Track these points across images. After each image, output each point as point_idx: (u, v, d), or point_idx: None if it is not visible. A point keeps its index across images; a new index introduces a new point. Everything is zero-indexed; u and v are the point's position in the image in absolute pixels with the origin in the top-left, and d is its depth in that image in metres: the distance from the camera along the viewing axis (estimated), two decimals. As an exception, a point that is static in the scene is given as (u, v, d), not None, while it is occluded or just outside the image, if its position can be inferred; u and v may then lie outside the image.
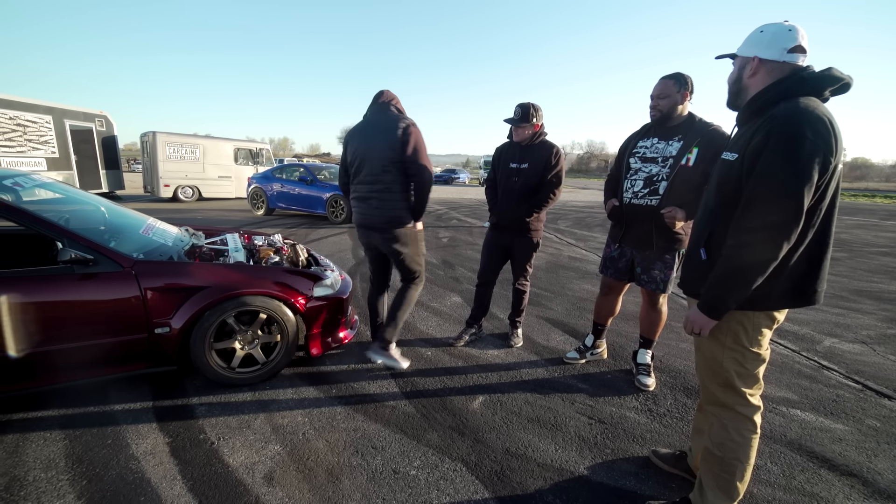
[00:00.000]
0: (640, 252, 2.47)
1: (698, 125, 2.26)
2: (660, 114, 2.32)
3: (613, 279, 2.67)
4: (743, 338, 1.41)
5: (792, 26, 1.32)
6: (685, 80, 2.26)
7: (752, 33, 1.39)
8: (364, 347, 2.99)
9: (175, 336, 2.23)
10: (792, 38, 1.31)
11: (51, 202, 2.77)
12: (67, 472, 1.78)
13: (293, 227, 8.63)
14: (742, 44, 1.42)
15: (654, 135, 2.38)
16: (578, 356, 2.94)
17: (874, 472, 1.94)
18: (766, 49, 1.34)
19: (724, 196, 1.37)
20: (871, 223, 13.49)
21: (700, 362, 1.56)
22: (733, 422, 1.48)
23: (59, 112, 10.34)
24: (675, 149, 2.27)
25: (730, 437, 1.48)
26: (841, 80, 1.27)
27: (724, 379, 1.46)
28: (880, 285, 5.43)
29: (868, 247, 8.56)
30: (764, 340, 1.42)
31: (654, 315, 2.61)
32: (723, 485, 1.51)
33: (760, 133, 1.24)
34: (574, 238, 8.44)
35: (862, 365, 3.05)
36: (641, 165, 2.38)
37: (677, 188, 2.24)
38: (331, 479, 1.80)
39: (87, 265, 2.05)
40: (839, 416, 2.39)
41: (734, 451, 1.48)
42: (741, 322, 1.39)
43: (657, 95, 2.30)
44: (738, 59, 1.42)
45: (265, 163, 14.89)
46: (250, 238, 3.33)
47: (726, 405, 1.49)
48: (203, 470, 1.82)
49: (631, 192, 2.41)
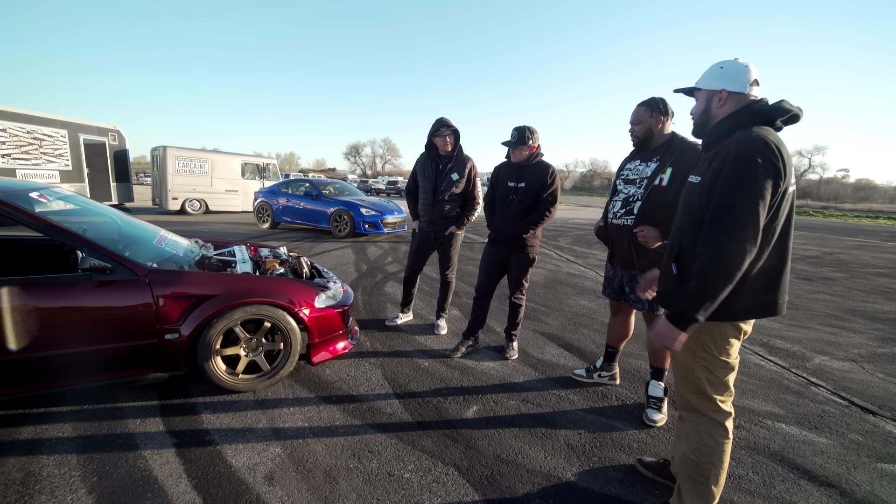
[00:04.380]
0: (626, 271, 2.51)
1: (676, 144, 2.30)
2: (637, 139, 2.41)
3: (612, 299, 2.69)
4: (712, 347, 1.52)
5: (747, 63, 1.49)
6: (657, 104, 2.32)
7: (711, 70, 1.54)
8: (364, 358, 3.09)
9: (184, 342, 2.34)
10: (751, 72, 1.48)
11: (70, 213, 2.92)
12: (79, 468, 1.88)
13: (297, 240, 8.79)
14: (703, 79, 1.57)
15: (637, 157, 2.46)
16: (585, 375, 2.94)
17: (852, 484, 2.01)
18: (732, 82, 1.49)
19: (691, 215, 1.51)
20: (871, 244, 13.54)
21: (675, 370, 1.68)
22: (706, 427, 1.57)
23: (74, 126, 10.69)
24: (650, 169, 2.33)
25: (703, 441, 1.57)
26: (790, 112, 1.42)
27: (696, 386, 1.56)
28: (875, 305, 5.49)
29: (866, 267, 8.61)
30: (732, 350, 1.52)
31: None
32: (699, 489, 1.59)
33: (718, 158, 1.39)
34: (573, 255, 8.54)
35: (850, 382, 3.12)
36: (624, 187, 2.47)
37: (650, 207, 2.29)
38: (328, 480, 1.89)
39: (105, 273, 2.18)
40: (823, 430, 2.46)
41: (708, 455, 1.57)
42: (710, 332, 1.50)
43: (633, 122, 2.39)
44: (702, 91, 1.56)
45: (272, 177, 15.19)
46: (256, 250, 3.47)
47: (699, 411, 1.58)
48: (207, 469, 1.91)
49: (612, 212, 2.51)
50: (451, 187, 3.41)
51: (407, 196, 3.74)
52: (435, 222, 3.49)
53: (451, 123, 3.33)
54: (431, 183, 3.43)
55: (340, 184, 11.74)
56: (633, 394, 2.78)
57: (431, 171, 3.44)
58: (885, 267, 8.78)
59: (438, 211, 3.45)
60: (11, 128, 9.22)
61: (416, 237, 3.64)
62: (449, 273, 3.65)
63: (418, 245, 3.64)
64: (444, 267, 3.64)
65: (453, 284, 3.72)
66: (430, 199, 3.44)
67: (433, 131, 3.36)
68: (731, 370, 1.54)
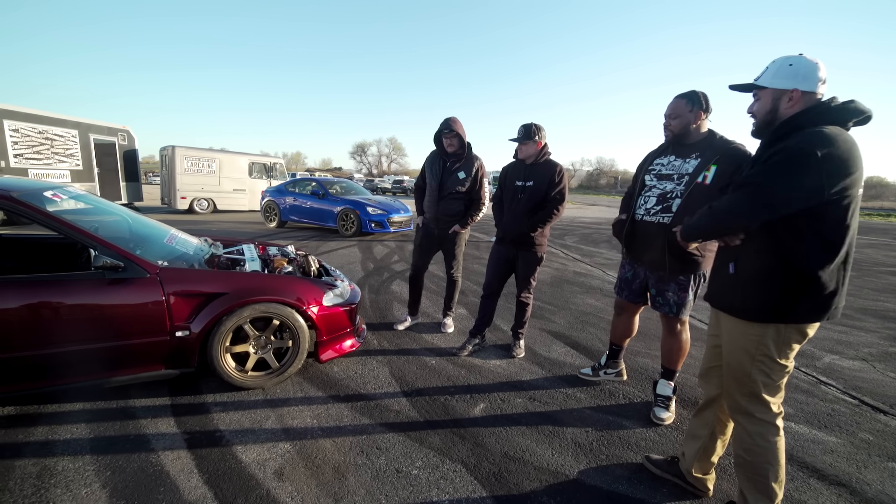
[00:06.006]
0: (653, 273, 2.40)
1: (718, 143, 2.18)
2: (672, 134, 2.29)
3: (628, 301, 2.61)
4: (773, 350, 1.51)
5: (817, 60, 1.46)
6: (698, 98, 2.20)
7: (779, 67, 1.50)
8: (371, 356, 3.11)
9: (194, 339, 2.37)
10: (820, 70, 1.45)
11: (82, 212, 2.96)
12: (93, 463, 1.91)
13: (304, 239, 8.85)
14: (769, 76, 1.52)
15: (671, 152, 2.33)
16: (591, 373, 2.92)
17: (863, 483, 1.99)
18: (804, 81, 1.45)
19: None
20: (883, 242, 13.34)
21: (727, 373, 1.65)
22: (757, 427, 1.57)
23: (84, 127, 10.82)
24: (691, 166, 2.20)
25: (755, 442, 1.57)
26: (864, 113, 1.40)
27: (750, 389, 1.56)
28: (886, 304, 5.42)
29: (877, 266, 8.50)
30: (792, 354, 1.52)
31: (672, 342, 2.49)
32: (760, 487, 1.59)
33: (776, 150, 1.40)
34: (580, 254, 8.51)
35: (860, 381, 3.09)
36: (656, 182, 2.34)
37: (692, 206, 2.08)
38: (337, 476, 1.91)
39: (117, 271, 2.22)
40: (833, 429, 2.44)
41: (763, 455, 1.57)
42: (772, 336, 1.50)
43: (669, 115, 2.27)
44: (768, 90, 1.52)
45: (278, 176, 15.29)
46: (265, 248, 3.50)
47: (749, 413, 1.58)
48: (218, 465, 1.94)
49: (643, 208, 2.37)
50: (455, 185, 3.40)
51: (415, 192, 3.76)
52: (439, 219, 3.49)
53: (454, 127, 3.27)
54: (437, 180, 3.43)
55: (347, 183, 11.77)
56: (641, 392, 2.77)
57: (438, 169, 3.45)
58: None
59: (443, 208, 3.45)
60: (24, 128, 9.35)
61: (420, 231, 3.68)
62: (454, 271, 3.65)
63: (421, 240, 3.66)
64: (449, 265, 3.65)
65: (459, 283, 3.72)
66: (434, 196, 3.45)
67: (439, 130, 3.36)
68: (787, 374, 1.55)
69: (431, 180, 3.49)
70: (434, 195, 3.45)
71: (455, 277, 3.67)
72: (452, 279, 3.68)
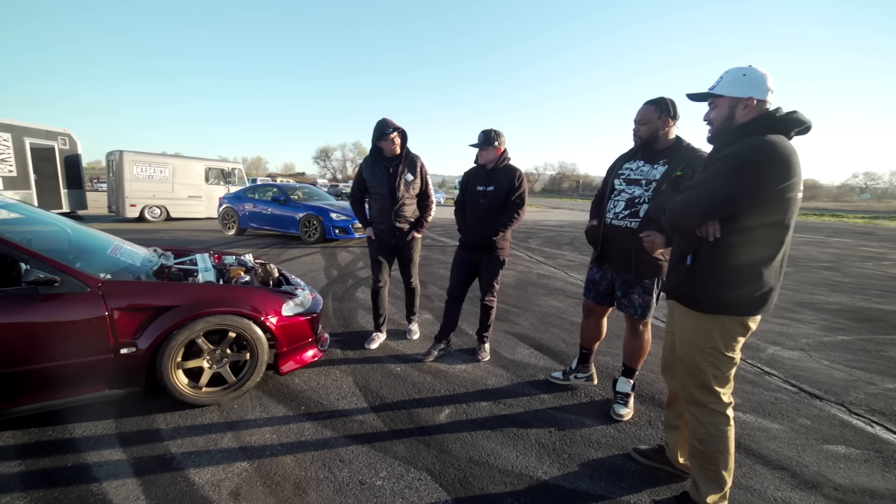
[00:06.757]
0: (619, 275, 2.45)
1: (685, 150, 2.23)
2: (640, 139, 2.32)
3: (595, 303, 2.64)
4: (720, 343, 1.61)
5: (765, 71, 1.57)
6: (667, 105, 2.24)
7: (733, 77, 1.58)
8: (334, 365, 3.04)
9: (142, 356, 2.23)
10: (769, 80, 1.56)
11: (13, 222, 2.74)
12: (23, 497, 1.75)
13: (265, 247, 8.56)
14: (724, 86, 1.60)
15: (640, 157, 2.37)
16: (562, 377, 2.93)
17: (801, 465, 2.14)
18: (758, 90, 1.55)
19: None
20: (817, 240, 14.46)
21: (680, 366, 1.75)
22: (709, 417, 1.67)
23: (19, 130, 10.04)
24: (658, 172, 2.25)
25: (707, 432, 1.67)
26: (805, 123, 1.52)
27: (702, 381, 1.66)
28: (821, 297, 5.86)
29: (813, 262, 9.19)
30: (737, 346, 1.63)
31: (635, 342, 2.54)
32: (711, 476, 1.69)
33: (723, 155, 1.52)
34: (543, 256, 8.71)
35: (799, 370, 3.32)
36: (625, 187, 2.37)
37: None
38: (297, 492, 1.84)
39: (52, 286, 2.06)
40: (776, 417, 2.60)
41: (714, 444, 1.67)
42: (718, 329, 1.60)
43: (638, 121, 2.30)
44: (725, 99, 1.60)
45: (237, 182, 14.75)
46: (220, 258, 3.36)
47: (702, 404, 1.68)
48: (167, 489, 1.83)
49: (612, 212, 2.40)
50: (409, 188, 3.29)
51: (353, 205, 3.57)
52: (395, 227, 3.33)
53: (394, 124, 3.17)
54: (387, 187, 3.25)
55: (309, 188, 11.49)
56: (602, 390, 2.86)
57: (383, 176, 3.26)
58: (829, 261, 9.40)
59: (399, 215, 3.30)
60: (-54, 132, 8.57)
61: (374, 244, 3.44)
62: (413, 280, 3.56)
63: (379, 252, 3.44)
64: (408, 274, 3.54)
65: (419, 288, 3.66)
66: (388, 204, 3.27)
67: (377, 135, 3.17)
68: (734, 366, 1.65)
69: (379, 188, 3.28)
70: (387, 203, 3.28)
71: (414, 285, 3.60)
72: (411, 287, 3.62)
